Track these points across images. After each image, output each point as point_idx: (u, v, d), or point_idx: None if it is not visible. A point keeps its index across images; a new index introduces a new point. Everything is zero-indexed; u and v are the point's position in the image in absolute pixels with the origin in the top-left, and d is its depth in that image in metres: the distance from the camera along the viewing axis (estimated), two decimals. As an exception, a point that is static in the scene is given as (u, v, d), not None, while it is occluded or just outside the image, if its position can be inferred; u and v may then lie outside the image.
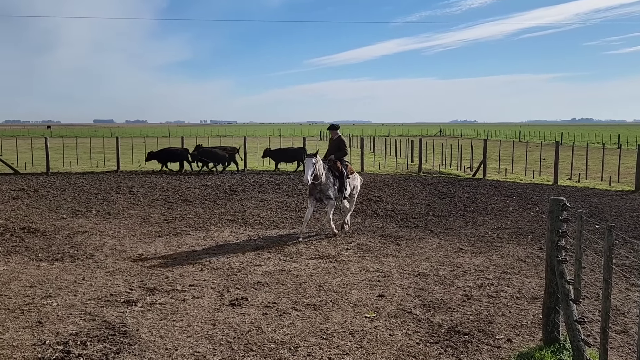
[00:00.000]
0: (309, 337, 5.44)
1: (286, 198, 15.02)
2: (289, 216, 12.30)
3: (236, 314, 6.08)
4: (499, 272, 7.80)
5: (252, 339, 5.38)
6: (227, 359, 4.95)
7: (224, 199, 14.75)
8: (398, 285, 7.15)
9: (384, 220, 11.84)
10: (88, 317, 5.93)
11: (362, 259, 8.53)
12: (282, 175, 20.38)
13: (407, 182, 18.54)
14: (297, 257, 8.59)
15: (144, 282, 7.22)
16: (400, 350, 5.14)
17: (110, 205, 13.50)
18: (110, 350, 5.09)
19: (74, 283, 7.14)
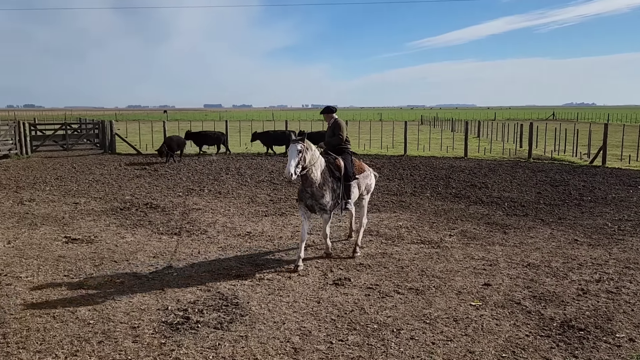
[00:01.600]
0: (412, 320, 5.44)
1: (387, 182, 14.97)
2: (389, 200, 12.26)
3: (339, 294, 6.23)
4: (620, 267, 7.21)
5: (356, 319, 5.49)
6: (331, 335, 5.10)
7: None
8: (505, 275, 6.88)
9: (489, 208, 11.40)
10: (204, 287, 6.40)
11: (466, 246, 8.31)
12: (382, 159, 20.30)
13: (515, 169, 17.63)
14: (399, 242, 8.56)
15: (253, 258, 7.62)
16: (508, 341, 4.97)
17: (220, 185, 14.34)
18: (224, 319, 5.47)
19: (191, 256, 7.72)
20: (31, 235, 8.82)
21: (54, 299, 5.99)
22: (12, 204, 11.61)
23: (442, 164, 18.85)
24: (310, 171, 6.82)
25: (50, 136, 23.79)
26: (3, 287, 6.33)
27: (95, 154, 22.89)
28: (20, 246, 8.14)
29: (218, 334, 5.12)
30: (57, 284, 6.48)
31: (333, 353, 4.74)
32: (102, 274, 6.85)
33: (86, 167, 18.11)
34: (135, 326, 5.27)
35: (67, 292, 6.21)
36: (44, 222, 9.79)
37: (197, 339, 5.00)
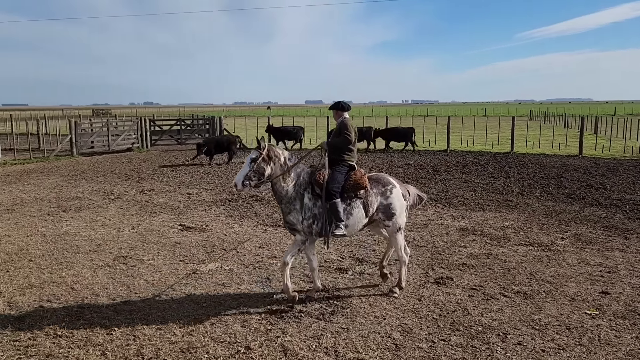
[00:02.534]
0: (519, 325, 5.20)
1: (492, 180, 14.36)
2: (495, 199, 11.76)
3: (441, 293, 6.12)
4: None
5: (458, 319, 5.37)
6: (433, 334, 5.04)
7: (426, 179, 14.77)
8: (626, 284, 6.34)
9: (608, 210, 10.52)
10: (306, 279, 6.60)
11: (581, 250, 7.76)
12: (487, 156, 19.50)
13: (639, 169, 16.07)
14: (505, 242, 8.20)
15: (353, 252, 7.71)
16: (629, 355, 4.59)
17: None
18: (326, 310, 5.61)
19: (294, 247, 7.98)
20: (151, 222, 9.63)
21: (172, 281, 6.51)
22: (135, 193, 12.74)
23: (554, 162, 17.70)
24: (277, 183, 5.75)
25: (167, 131, 25.71)
26: (129, 268, 7.00)
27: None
28: (142, 232, 8.93)
29: (320, 324, 5.26)
30: (174, 267, 7.03)
31: (435, 352, 4.68)
32: (213, 261, 7.31)
33: (198, 160, 19.34)
34: (244, 312, 5.58)
35: (183, 276, 6.71)
36: (162, 211, 10.64)
37: (301, 328, 5.18)
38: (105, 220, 9.80)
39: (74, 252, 7.72)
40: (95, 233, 8.82)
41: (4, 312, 5.53)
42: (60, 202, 11.47)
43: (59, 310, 5.60)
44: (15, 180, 14.64)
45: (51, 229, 9.12)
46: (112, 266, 7.08)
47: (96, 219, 9.85)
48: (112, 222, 9.66)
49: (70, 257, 7.44)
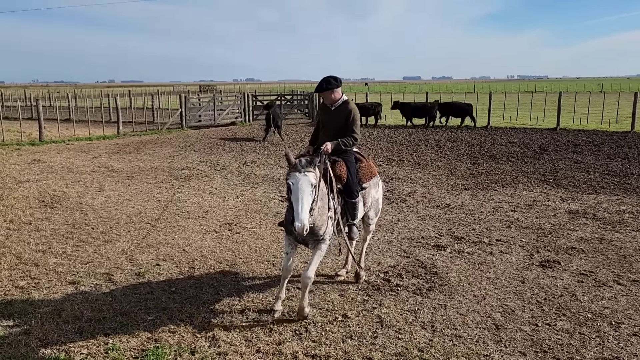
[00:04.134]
0: (636, 315, 4.83)
1: (607, 161, 13.25)
2: (610, 181, 10.85)
3: (547, 276, 5.82)
4: None
5: (565, 304, 5.10)
6: (536, 318, 4.83)
7: (532, 158, 13.96)
8: None
9: None
10: (403, 254, 6.59)
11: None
12: (602, 136, 17.96)
13: None
14: (621, 228, 7.58)
15: (452, 230, 7.55)
16: None
17: (419, 157, 14.38)
18: (423, 286, 5.58)
19: (391, 223, 7.98)
20: (254, 193, 10.08)
21: (273, 249, 6.80)
22: (239, 164, 13.37)
23: (683, 143, 15.92)
24: None
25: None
26: (234, 235, 7.42)
27: (304, 123, 24.84)
28: (245, 201, 9.39)
29: (417, 299, 5.25)
30: (275, 236, 7.33)
31: (539, 336, 4.49)
32: (312, 232, 7.52)
33: (297, 135, 19.81)
34: (341, 282, 5.71)
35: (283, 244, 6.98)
36: (263, 182, 11.09)
37: (397, 301, 5.20)
38: (212, 189, 10.41)
39: (185, 217, 8.32)
40: (203, 200, 9.42)
41: (127, 268, 6.12)
42: (172, 171, 12.35)
43: (173, 269, 6.10)
44: (134, 150, 15.97)
45: (165, 195, 9.87)
46: (219, 232, 7.54)
47: (204, 188, 10.50)
48: (218, 191, 10.25)
49: (182, 222, 8.03)
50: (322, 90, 4.99)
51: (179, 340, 4.44)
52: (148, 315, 4.89)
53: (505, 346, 4.32)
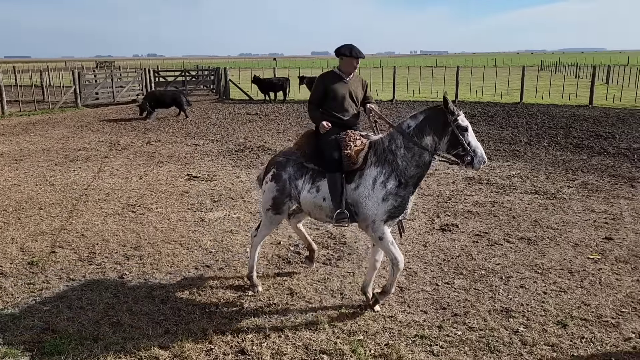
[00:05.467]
0: (522, 269, 5.29)
1: (500, 130, 14.24)
2: (502, 149, 11.69)
3: (446, 239, 6.19)
4: None
5: (462, 264, 5.46)
6: (437, 278, 5.14)
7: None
8: (630, 230, 6.38)
9: (615, 159, 10.46)
10: (313, 226, 6.68)
11: (587, 198, 7.77)
12: (495, 107, 19.25)
13: (650, 118, 15.84)
14: (511, 191, 8.22)
15: (359, 201, 7.76)
16: (628, 297, 4.68)
17: (327, 131, 14.56)
18: (333, 256, 5.71)
19: (300, 196, 8.04)
20: (159, 172, 9.69)
21: (180, 229, 6.61)
22: (142, 144, 12.77)
23: (563, 113, 17.45)
24: None
25: (171, 82, 25.44)
26: (138, 216, 7.11)
27: (212, 99, 24.17)
28: (150, 181, 9.01)
29: (327, 269, 5.37)
30: (182, 215, 7.12)
31: (439, 294, 4.78)
32: (221, 209, 7.40)
33: (204, 112, 19.25)
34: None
35: (191, 223, 6.81)
36: (169, 161, 10.69)
37: (307, 272, 5.29)
38: (113, 170, 9.87)
39: (84, 200, 7.83)
40: (103, 182, 8.91)
41: (18, 257, 5.67)
42: (68, 153, 11.53)
43: (71, 255, 5.74)
44: (22, 132, 14.68)
45: (60, 178, 9.21)
46: (122, 214, 7.19)
47: (104, 169, 9.93)
48: (120, 172, 9.74)
49: (80, 206, 7.55)
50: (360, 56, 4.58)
51: (79, 328, 4.21)
52: (44, 306, 4.58)
53: (409, 306, 4.56)
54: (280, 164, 4.62)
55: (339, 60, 4.61)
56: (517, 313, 4.40)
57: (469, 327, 4.19)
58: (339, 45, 4.60)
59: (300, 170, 4.55)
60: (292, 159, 4.60)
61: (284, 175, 4.56)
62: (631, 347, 3.90)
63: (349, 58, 4.54)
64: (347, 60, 4.56)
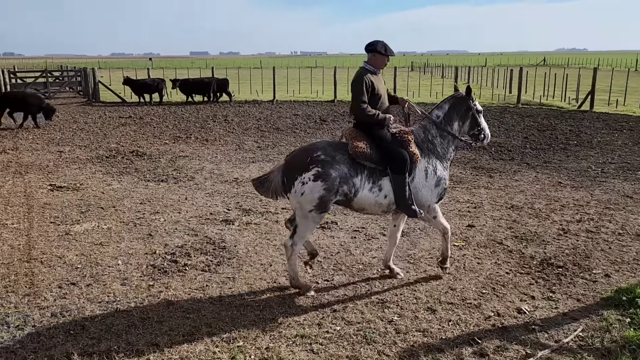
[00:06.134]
0: (397, 260, 5.54)
1: (375, 128, 14.91)
2: (378, 146, 12.25)
3: (326, 237, 6.31)
4: (600, 208, 7.35)
5: (341, 260, 5.60)
6: (317, 276, 5.21)
7: (314, 129, 14.95)
8: (489, 217, 7.00)
9: (476, 152, 11.45)
10: (191, 232, 6.45)
11: (452, 189, 8.39)
12: (371, 106, 20.12)
13: (504, 114, 17.60)
14: (386, 186, 8.62)
15: (240, 203, 7.65)
16: (488, 279, 5.11)
17: (207, 133, 14.20)
18: (212, 262, 5.54)
19: (178, 202, 7.73)
20: (15, 184, 8.74)
21: (42, 245, 6.00)
22: (-5, 153, 11.44)
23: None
24: None
25: (30, 84, 23.19)
26: (-11, 234, 6.33)
27: (79, 102, 22.43)
28: (5, 194, 8.09)
29: (206, 276, 5.20)
30: (44, 230, 6.48)
31: (318, 292, 4.84)
32: (89, 221, 6.86)
33: (70, 116, 17.78)
34: (123, 270, 5.33)
35: (54, 238, 6.23)
36: (28, 171, 9.69)
37: (185, 281, 5.08)
38: (-42, 183, 8.72)
39: None
40: (-54, 198, 7.83)
41: None
42: None
43: None
44: None
45: None
46: (-31, 233, 6.36)
47: (-53, 183, 8.73)
48: (-32, 185, 8.63)
49: None
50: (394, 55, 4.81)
51: None
52: None
53: (289, 307, 4.56)
54: (326, 162, 4.43)
55: (370, 56, 4.72)
56: (392, 303, 4.61)
57: (348, 322, 4.29)
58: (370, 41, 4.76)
59: (354, 168, 4.50)
60: (338, 157, 4.47)
61: (334, 173, 4.42)
62: (491, 325, 4.25)
63: (383, 56, 4.70)
64: (380, 58, 4.71)
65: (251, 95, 23.15)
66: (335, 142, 4.71)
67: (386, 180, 4.57)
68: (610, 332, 4.09)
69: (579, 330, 4.12)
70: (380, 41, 4.71)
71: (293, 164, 4.55)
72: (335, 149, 4.54)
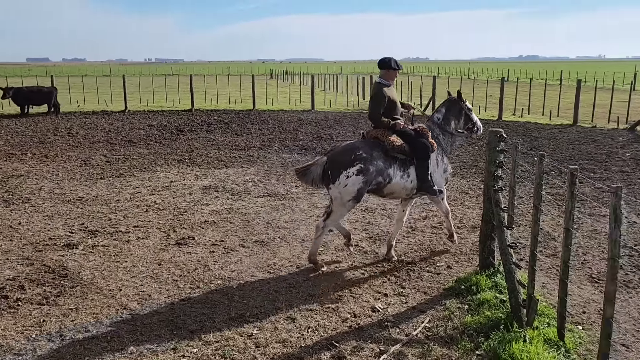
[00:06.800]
0: (257, 272, 5.49)
1: (235, 137, 14.75)
2: (237, 155, 12.11)
3: (182, 253, 6.03)
4: (442, 204, 8.04)
5: (199, 276, 5.38)
6: (173, 296, 4.94)
7: (170, 139, 14.33)
8: (346, 220, 7.25)
9: (333, 157, 11.86)
10: (26, 261, 5.73)
11: (311, 195, 8.57)
12: (231, 114, 19.92)
13: (359, 119, 18.54)
14: (246, 196, 8.53)
15: (85, 225, 7.00)
16: (345, 281, 5.27)
17: (47, 148, 12.85)
18: (51, 293, 4.97)
19: (10, 228, 6.84)
20: None
21: None
22: None
23: (291, 117, 19.10)
24: None
25: None
26: None
27: None
28: None
29: (43, 310, 4.64)
30: None
31: (174, 314, 4.59)
32: None
33: None
34: None
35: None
36: None
37: (18, 318, 4.48)
38: None
39: None
40: None
41: None
42: None
43: None
44: None
45: None
46: None
47: None
48: None
49: None
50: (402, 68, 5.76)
51: None
52: None
53: (142, 334, 4.24)
54: (366, 159, 5.26)
55: (383, 72, 5.59)
56: (252, 317, 4.52)
57: (205, 342, 4.11)
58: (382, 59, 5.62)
59: (387, 160, 5.40)
60: (374, 154, 5.33)
61: (372, 168, 5.28)
62: (348, 326, 4.38)
63: (394, 70, 5.58)
64: (392, 72, 5.59)
65: (99, 105, 21.54)
66: (368, 142, 5.52)
67: (412, 169, 5.53)
68: (452, 320, 4.45)
69: (426, 322, 4.42)
70: (391, 58, 5.59)
71: (338, 160, 5.29)
72: (371, 147, 5.40)
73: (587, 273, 5.52)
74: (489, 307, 4.53)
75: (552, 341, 3.88)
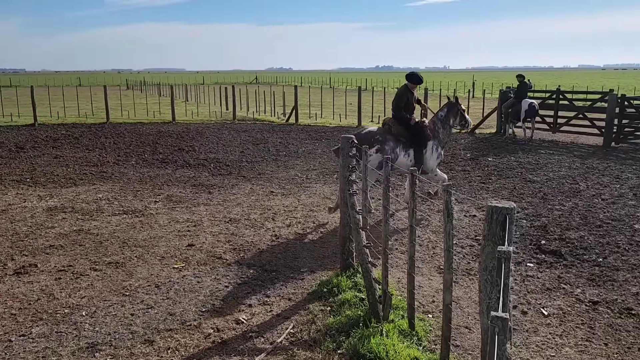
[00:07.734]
0: (110, 296, 5.09)
1: (86, 153, 13.64)
2: (88, 172, 11.20)
3: (22, 283, 5.39)
4: (306, 211, 8.21)
5: (42, 307, 4.84)
6: (10, 333, 4.37)
7: (8, 158, 12.80)
8: (209, 233, 7.07)
9: (196, 170, 11.54)
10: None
11: (172, 210, 8.22)
12: (81, 128, 18.42)
13: (222, 130, 18.28)
14: (98, 215, 7.91)
15: None
16: (208, 296, 5.12)
17: None
18: None
19: None
20: None
21: None
22: None
23: (150, 130, 18.21)
24: None
25: None
26: None
27: None
28: None
29: None
30: None
31: (13, 352, 4.07)
32: None
33: None
34: None
35: None
36: None
37: None
38: None
39: None
40: None
41: None
42: None
43: None
44: None
45: None
46: None
47: None
48: None
49: None
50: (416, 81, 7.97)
51: None
52: None
53: (-31, 381, 3.69)
54: (382, 141, 7.58)
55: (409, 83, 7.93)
56: (104, 344, 4.17)
57: (49, 380, 3.69)
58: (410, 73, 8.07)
59: (396, 142, 7.72)
60: (388, 137, 7.68)
61: (387, 147, 7.59)
62: (211, 342, 4.24)
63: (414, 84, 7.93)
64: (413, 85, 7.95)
65: None
66: (384, 129, 7.85)
67: (411, 150, 7.85)
68: (316, 323, 4.53)
69: (290, 328, 4.45)
70: (416, 74, 7.95)
71: (363, 142, 6.52)
72: (385, 132, 7.75)
73: (436, 265, 6.02)
74: (350, 306, 4.71)
75: (406, 332, 4.14)
